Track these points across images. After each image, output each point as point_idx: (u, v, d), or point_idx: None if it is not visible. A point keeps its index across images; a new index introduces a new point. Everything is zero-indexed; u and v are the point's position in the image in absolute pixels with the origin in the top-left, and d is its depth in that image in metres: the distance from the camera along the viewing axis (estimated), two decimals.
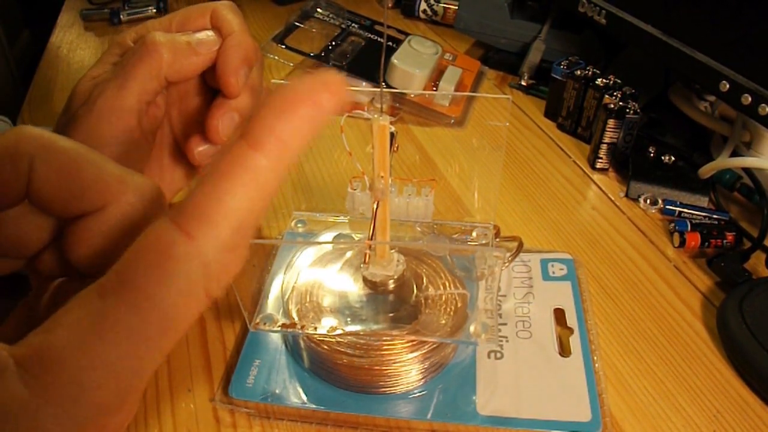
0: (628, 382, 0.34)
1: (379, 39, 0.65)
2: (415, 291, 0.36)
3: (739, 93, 0.42)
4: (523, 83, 0.64)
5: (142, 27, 0.37)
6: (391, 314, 0.35)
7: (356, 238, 0.42)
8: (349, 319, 0.34)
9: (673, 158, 0.49)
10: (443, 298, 0.35)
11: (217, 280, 0.20)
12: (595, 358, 0.35)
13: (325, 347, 0.33)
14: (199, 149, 0.37)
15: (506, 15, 0.66)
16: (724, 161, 0.47)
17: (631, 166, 0.49)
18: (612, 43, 0.63)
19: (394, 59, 0.57)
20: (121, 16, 0.81)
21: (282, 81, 0.37)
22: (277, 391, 0.33)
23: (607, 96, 0.51)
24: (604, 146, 0.51)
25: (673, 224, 0.44)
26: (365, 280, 0.35)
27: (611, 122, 0.49)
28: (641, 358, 0.36)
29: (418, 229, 0.41)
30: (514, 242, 0.40)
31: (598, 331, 0.37)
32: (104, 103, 0.34)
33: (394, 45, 0.60)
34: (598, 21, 0.55)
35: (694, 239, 0.43)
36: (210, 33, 0.36)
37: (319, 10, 0.66)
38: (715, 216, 0.45)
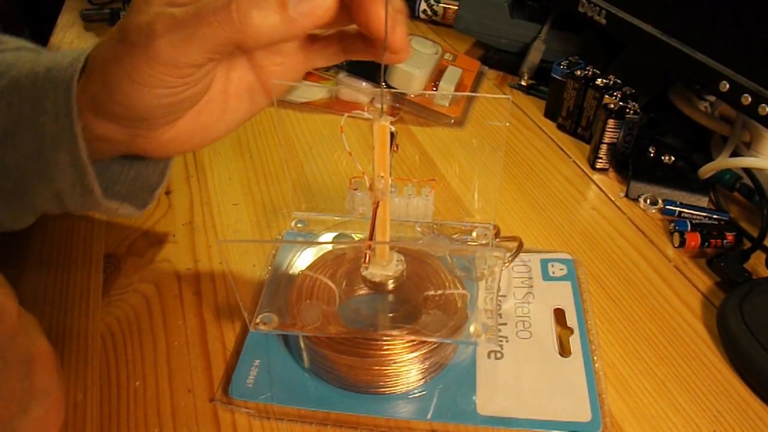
0: (628, 382, 0.34)
1: None
2: (415, 291, 0.36)
3: (739, 93, 0.42)
4: (523, 83, 0.64)
5: None
6: (391, 314, 0.35)
7: (356, 238, 0.42)
8: (349, 319, 0.34)
9: (673, 158, 0.49)
10: (443, 298, 0.35)
11: None
12: (595, 358, 0.35)
13: (325, 347, 0.33)
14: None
15: (506, 15, 0.66)
16: (724, 161, 0.47)
17: (631, 166, 0.49)
18: (612, 43, 0.63)
19: None
20: (121, 16, 0.81)
21: (282, 82, 0.37)
22: (277, 391, 0.33)
23: (607, 96, 0.51)
24: (604, 146, 0.51)
25: (673, 224, 0.44)
26: (365, 280, 0.35)
27: (611, 122, 0.49)
28: (641, 358, 0.36)
29: (418, 229, 0.41)
30: (514, 242, 0.40)
31: (598, 331, 0.37)
32: (164, 50, 0.29)
33: None
34: (598, 21, 0.55)
35: (694, 239, 0.43)
36: None
37: None
38: (715, 216, 0.45)
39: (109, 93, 0.32)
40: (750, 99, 0.41)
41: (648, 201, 0.48)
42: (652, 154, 0.50)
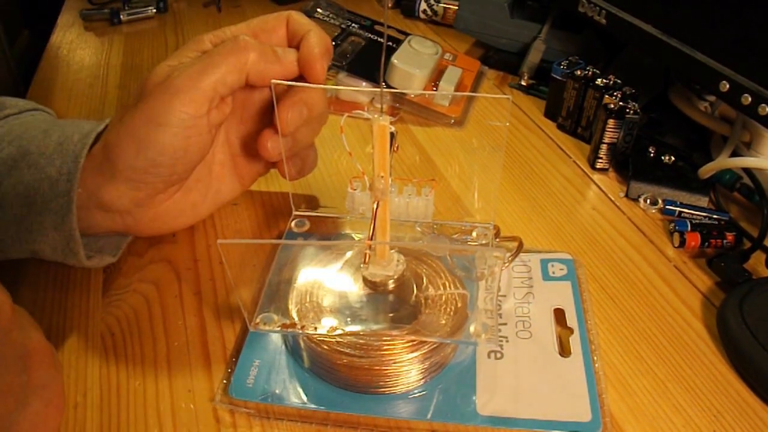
0: (628, 382, 0.34)
1: (379, 39, 0.65)
2: (415, 291, 0.36)
3: (739, 93, 0.42)
4: (523, 83, 0.64)
5: (220, 31, 0.39)
6: (391, 314, 0.35)
7: (356, 238, 0.42)
8: (349, 319, 0.34)
9: (673, 158, 0.49)
10: (443, 298, 0.35)
11: None
12: (595, 358, 0.35)
13: (325, 347, 0.33)
14: (271, 143, 0.39)
15: (506, 15, 0.66)
16: (724, 161, 0.47)
17: (631, 166, 0.49)
18: (612, 43, 0.63)
19: (394, 59, 0.57)
20: (121, 16, 0.81)
21: (281, 81, 0.37)
22: (277, 391, 0.33)
23: (607, 96, 0.51)
24: (604, 146, 0.51)
25: (673, 224, 0.44)
26: (365, 280, 0.35)
27: (611, 122, 0.49)
28: (641, 358, 0.36)
29: (418, 229, 0.41)
30: (514, 242, 0.40)
31: (598, 331, 0.37)
32: (182, 83, 0.35)
33: (394, 45, 0.60)
34: (598, 21, 0.55)
35: (694, 239, 0.43)
36: (292, 50, 0.39)
37: (319, 10, 0.66)
38: (715, 216, 0.45)
39: (128, 137, 0.36)
40: (750, 99, 0.41)
41: (648, 201, 0.48)
42: (652, 154, 0.50)
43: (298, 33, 0.39)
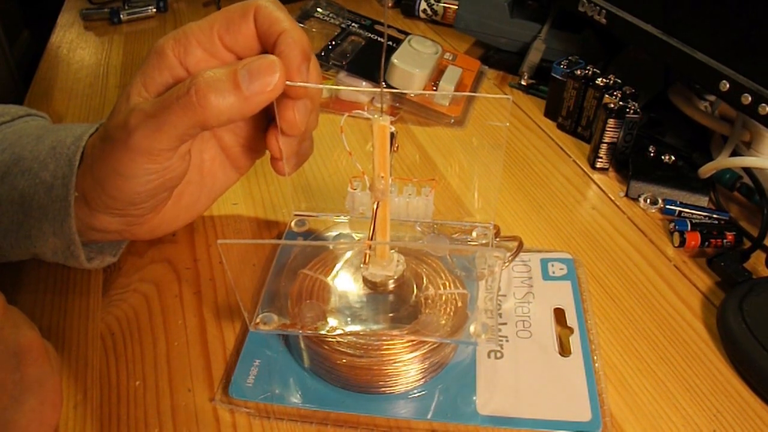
0: (628, 382, 0.34)
1: (379, 39, 0.65)
2: (415, 291, 0.36)
3: (739, 93, 0.42)
4: (523, 83, 0.64)
5: (183, 36, 0.35)
6: (391, 314, 0.35)
7: (356, 238, 0.42)
8: (349, 319, 0.34)
9: (673, 158, 0.49)
10: (443, 298, 0.35)
11: None
12: (595, 357, 0.35)
13: (325, 347, 0.33)
14: (282, 143, 0.36)
15: (506, 15, 0.66)
16: (724, 161, 0.47)
17: (631, 165, 0.49)
18: (612, 43, 0.63)
19: (394, 59, 0.57)
20: (121, 16, 0.81)
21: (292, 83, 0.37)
22: (277, 391, 0.33)
23: (607, 96, 0.51)
24: (604, 146, 0.51)
25: (673, 224, 0.44)
26: (365, 281, 0.35)
27: (611, 122, 0.49)
28: (641, 358, 0.36)
29: (418, 229, 0.41)
30: (514, 242, 0.40)
31: (598, 331, 0.37)
32: (140, 141, 0.32)
33: (394, 45, 0.60)
34: (598, 20, 0.55)
35: (694, 239, 0.43)
36: (268, 60, 0.32)
37: (319, 9, 0.66)
38: (715, 216, 0.45)
39: (100, 187, 0.35)
40: (750, 99, 0.41)
41: (648, 201, 0.48)
42: (652, 154, 0.50)
43: (270, 31, 0.34)
